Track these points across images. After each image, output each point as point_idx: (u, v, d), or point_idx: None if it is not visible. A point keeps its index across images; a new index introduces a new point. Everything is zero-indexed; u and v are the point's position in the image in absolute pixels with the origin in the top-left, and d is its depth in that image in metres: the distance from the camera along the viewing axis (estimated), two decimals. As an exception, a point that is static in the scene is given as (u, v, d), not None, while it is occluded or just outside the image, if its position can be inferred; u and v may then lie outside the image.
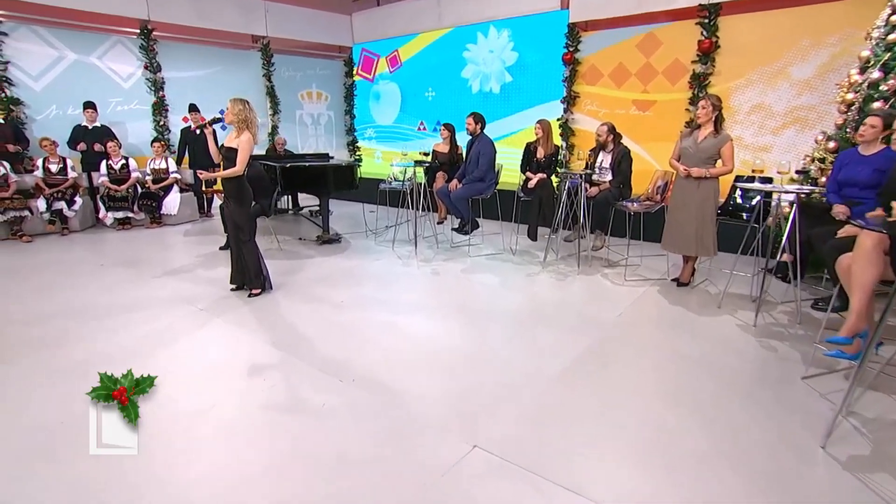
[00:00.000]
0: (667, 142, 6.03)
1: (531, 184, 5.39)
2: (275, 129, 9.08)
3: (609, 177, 5.19)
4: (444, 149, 6.26)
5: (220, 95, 8.46)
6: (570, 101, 7.18)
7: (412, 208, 5.95)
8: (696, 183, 4.04)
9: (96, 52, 7.42)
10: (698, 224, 4.07)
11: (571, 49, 7.02)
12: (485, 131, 5.53)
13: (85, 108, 6.96)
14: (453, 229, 5.96)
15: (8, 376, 2.95)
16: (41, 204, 6.34)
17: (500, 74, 8.00)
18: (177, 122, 8.00)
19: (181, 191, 7.28)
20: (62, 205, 6.45)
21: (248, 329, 3.56)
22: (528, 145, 5.64)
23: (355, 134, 10.14)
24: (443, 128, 6.24)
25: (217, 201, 6.81)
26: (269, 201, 5.64)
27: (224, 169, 3.92)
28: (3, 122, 6.47)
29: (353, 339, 3.42)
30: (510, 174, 7.02)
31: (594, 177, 5.04)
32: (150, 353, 3.18)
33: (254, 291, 4.23)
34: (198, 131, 7.48)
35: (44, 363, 3.07)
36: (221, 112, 4.10)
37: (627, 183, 5.19)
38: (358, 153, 10.17)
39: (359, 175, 6.08)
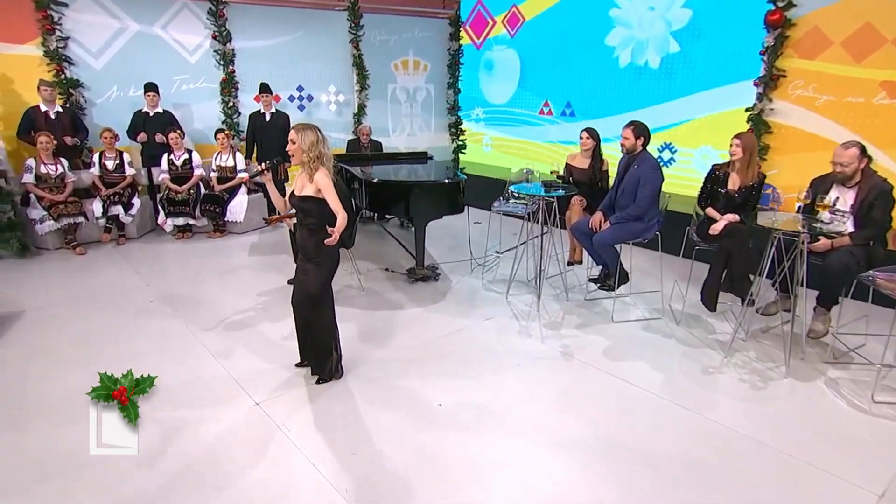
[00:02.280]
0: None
1: (715, 229, 4.18)
2: (361, 109, 8.44)
3: (849, 226, 3.86)
4: (583, 163, 5.16)
5: (297, 69, 7.98)
6: (771, 82, 5.69)
7: (535, 238, 5.00)
8: None
9: (161, 21, 7.14)
10: None
11: (781, 4, 5.50)
12: (647, 148, 4.39)
13: (146, 92, 6.72)
14: (591, 280, 4.93)
15: None
16: (97, 207, 6.23)
17: (662, 42, 6.63)
18: (248, 103, 7.62)
19: (248, 191, 6.90)
20: (119, 209, 6.30)
21: (311, 448, 2.90)
22: (715, 169, 4.40)
23: (459, 114, 9.24)
24: (584, 134, 5.12)
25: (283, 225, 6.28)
26: (350, 230, 4.98)
27: (300, 224, 3.28)
28: (61, 109, 6.38)
29: (450, 484, 2.64)
30: (672, 187, 5.78)
31: (824, 225, 3.73)
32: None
33: (322, 377, 3.58)
34: (268, 116, 7.28)
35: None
36: (275, 163, 3.40)
37: (881, 238, 3.83)
38: (461, 137, 9.28)
39: (463, 193, 5.21)
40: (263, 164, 3.37)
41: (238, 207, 6.65)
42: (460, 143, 9.26)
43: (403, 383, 3.59)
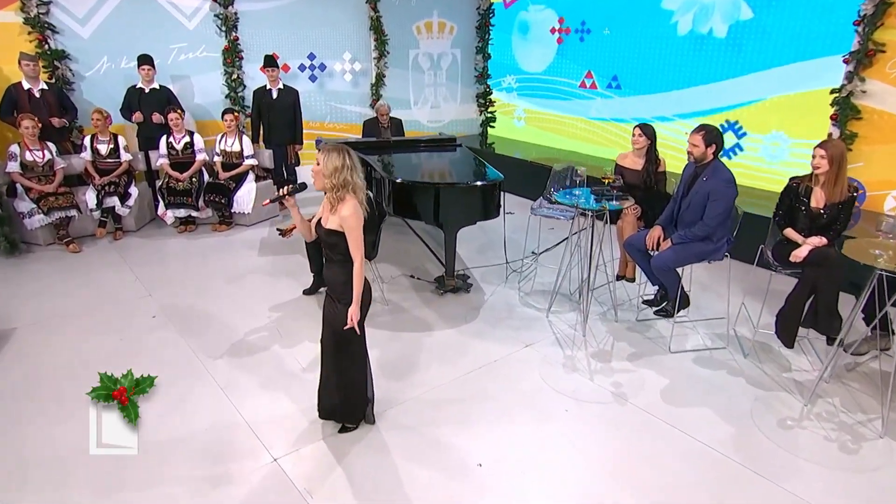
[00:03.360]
0: None
1: (798, 255, 3.82)
2: (380, 79, 8.02)
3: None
4: (636, 164, 4.76)
5: (308, 35, 7.56)
6: (865, 58, 5.19)
7: (576, 241, 4.69)
8: None
9: (154, -20, 6.74)
10: None
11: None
12: (719, 156, 3.99)
13: (140, 65, 6.39)
14: (645, 302, 4.61)
15: None
16: (90, 198, 6.00)
17: (731, 7, 6.09)
18: (254, 74, 7.26)
19: (256, 178, 6.62)
20: (115, 201, 6.07)
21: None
22: (794, 182, 3.99)
23: (489, 83, 8.75)
24: (636, 132, 4.68)
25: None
26: (373, 237, 4.71)
27: (327, 259, 3.09)
28: (46, 86, 6.08)
29: None
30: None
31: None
32: None
33: (347, 425, 3.38)
34: (275, 93, 6.91)
35: None
36: (297, 184, 3.12)
37: None
38: (491, 109, 8.83)
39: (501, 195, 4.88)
40: (285, 189, 3.08)
41: (245, 198, 6.40)
42: (489, 115, 8.83)
43: (439, 433, 3.39)
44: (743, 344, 4.29)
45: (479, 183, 4.80)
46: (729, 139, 6.27)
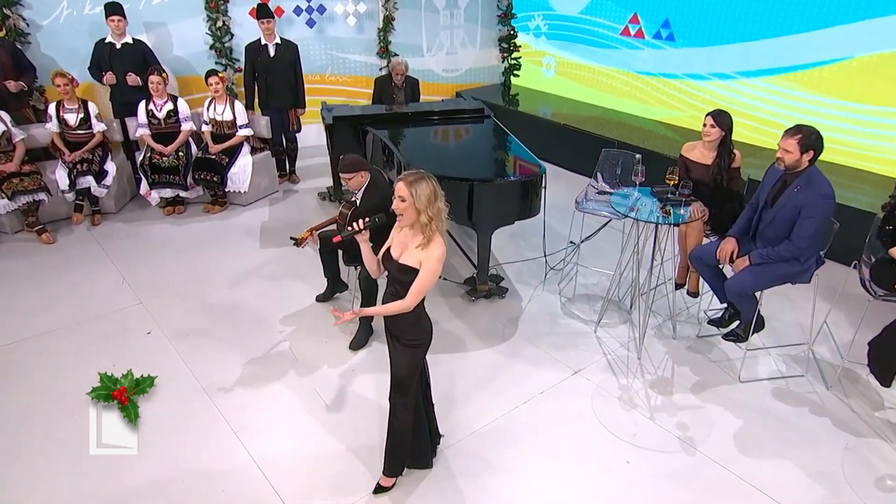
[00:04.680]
0: None
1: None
2: (388, 22, 7.39)
3: None
4: (705, 157, 4.31)
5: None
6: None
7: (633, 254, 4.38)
8: None
9: None
10: None
11: None
12: (815, 164, 3.59)
13: (108, 15, 5.85)
14: (711, 323, 4.28)
15: None
16: (61, 178, 5.61)
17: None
18: (242, 20, 6.67)
19: (253, 151, 6.19)
20: (89, 181, 5.68)
21: None
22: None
23: (514, 24, 8.10)
24: (708, 121, 4.21)
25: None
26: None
27: (388, 293, 2.93)
28: (-2, 42, 5.57)
29: None
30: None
31: None
32: None
33: (383, 484, 3.18)
34: (271, 49, 6.34)
35: None
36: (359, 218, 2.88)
37: None
38: (515, 56, 8.22)
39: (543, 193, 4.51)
40: (361, 223, 2.83)
41: (241, 174, 5.99)
42: (513, 62, 8.23)
43: (486, 485, 3.22)
44: (824, 372, 4.04)
45: (521, 179, 4.42)
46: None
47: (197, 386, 3.89)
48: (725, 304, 4.16)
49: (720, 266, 3.98)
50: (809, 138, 3.50)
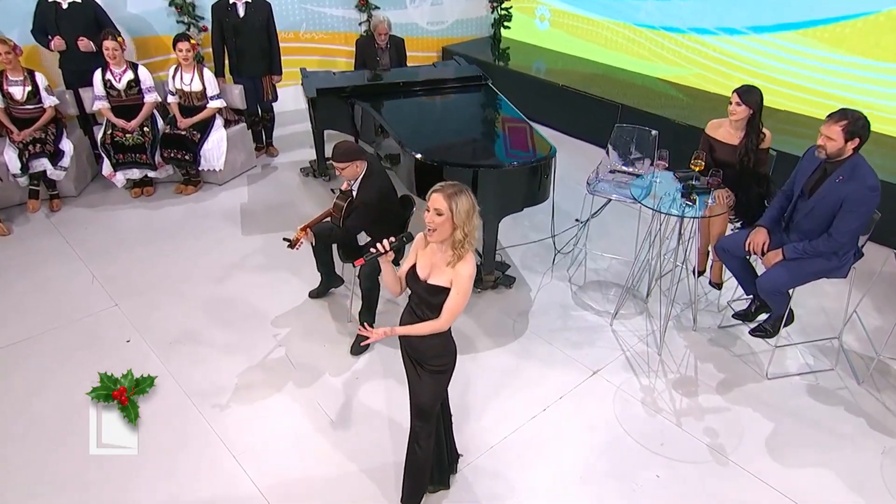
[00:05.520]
0: None
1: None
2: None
3: None
4: (731, 137, 4.03)
5: None
6: None
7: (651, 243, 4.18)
8: None
9: None
10: None
11: None
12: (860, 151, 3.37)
13: (50, -33, 5.25)
14: (736, 316, 4.13)
15: None
16: (11, 161, 5.15)
17: None
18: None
19: (226, 123, 5.76)
20: (44, 163, 5.23)
21: None
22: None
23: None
24: (735, 99, 3.92)
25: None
26: (399, 245, 4.08)
27: (412, 314, 2.76)
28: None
29: None
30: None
31: None
32: None
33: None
34: (241, 8, 5.79)
35: None
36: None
37: None
38: (505, 6, 7.75)
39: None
40: (386, 243, 2.59)
41: (215, 151, 5.58)
42: (503, 12, 7.76)
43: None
44: (854, 365, 3.95)
45: (530, 163, 4.13)
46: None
47: (187, 403, 3.65)
48: (751, 296, 4.01)
49: (749, 257, 3.81)
50: (856, 125, 3.26)
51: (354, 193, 3.91)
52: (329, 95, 5.14)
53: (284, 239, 3.90)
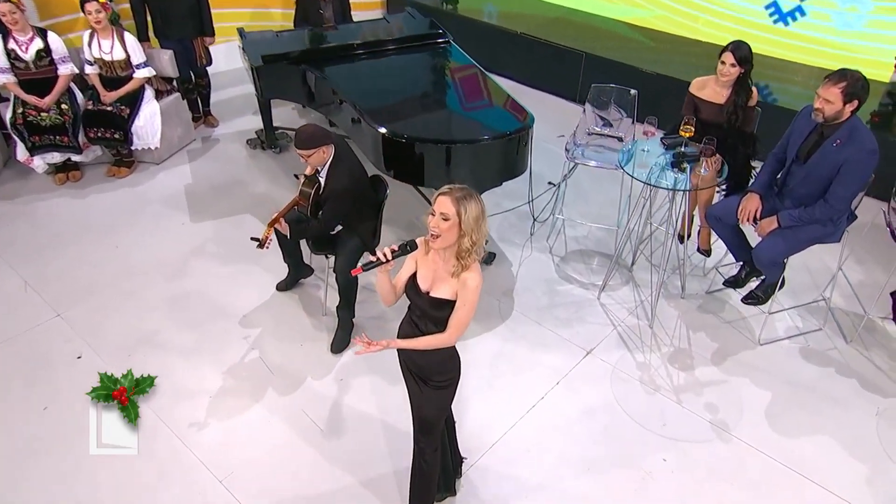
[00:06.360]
0: None
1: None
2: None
3: None
4: (718, 96, 3.90)
5: None
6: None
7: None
8: None
9: None
10: None
11: None
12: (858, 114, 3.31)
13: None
14: (727, 283, 4.10)
15: None
16: None
17: None
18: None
19: (158, 95, 5.26)
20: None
21: None
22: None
23: None
24: (727, 58, 3.76)
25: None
26: (374, 223, 3.86)
27: (412, 325, 2.63)
28: None
29: None
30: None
31: None
32: None
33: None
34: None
35: None
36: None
37: None
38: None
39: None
40: (388, 252, 2.35)
41: (148, 127, 5.09)
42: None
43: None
44: (841, 324, 4.03)
45: (509, 134, 3.92)
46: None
47: (159, 425, 3.40)
48: (741, 262, 4.01)
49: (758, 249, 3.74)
50: (856, 86, 3.18)
51: (322, 180, 3.63)
52: (276, 62, 4.71)
53: (252, 238, 3.60)
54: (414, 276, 2.49)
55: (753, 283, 3.98)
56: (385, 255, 2.36)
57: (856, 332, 3.96)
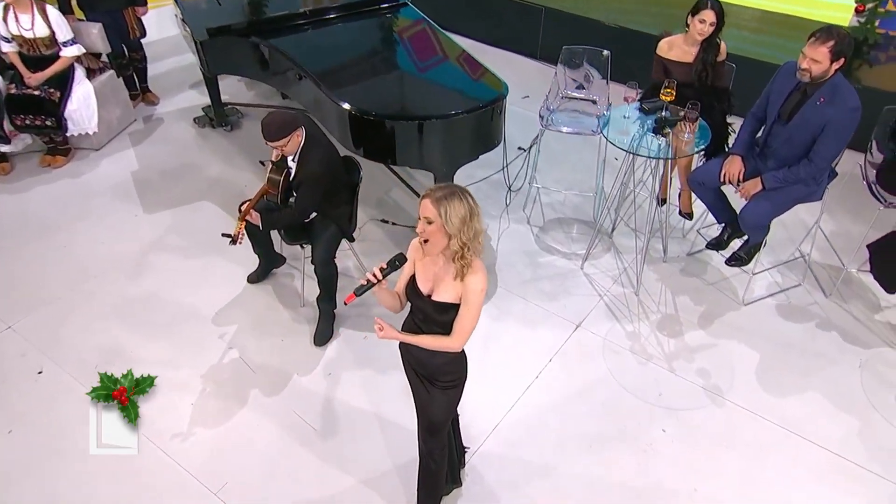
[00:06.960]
0: None
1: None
2: None
3: None
4: (686, 55, 3.85)
5: None
6: None
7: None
8: None
9: None
10: None
11: None
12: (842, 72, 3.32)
13: None
14: (710, 246, 4.13)
15: None
16: None
17: None
18: None
19: (89, 74, 4.87)
20: None
21: None
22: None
23: None
24: (706, 16, 3.70)
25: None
26: (350, 208, 3.71)
27: (415, 328, 2.54)
28: None
29: None
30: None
31: None
32: None
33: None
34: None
35: None
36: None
37: None
38: None
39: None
40: (378, 272, 2.31)
41: (83, 110, 4.71)
42: None
43: (527, 493, 3.07)
44: (819, 278, 4.15)
45: (483, 106, 3.79)
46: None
47: (141, 440, 3.25)
48: (723, 225, 4.05)
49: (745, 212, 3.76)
50: (843, 44, 3.17)
51: (293, 165, 3.45)
52: (223, 35, 4.40)
53: (224, 234, 3.41)
54: (414, 277, 2.41)
55: (736, 244, 4.04)
56: (375, 276, 2.30)
57: (834, 286, 4.08)
